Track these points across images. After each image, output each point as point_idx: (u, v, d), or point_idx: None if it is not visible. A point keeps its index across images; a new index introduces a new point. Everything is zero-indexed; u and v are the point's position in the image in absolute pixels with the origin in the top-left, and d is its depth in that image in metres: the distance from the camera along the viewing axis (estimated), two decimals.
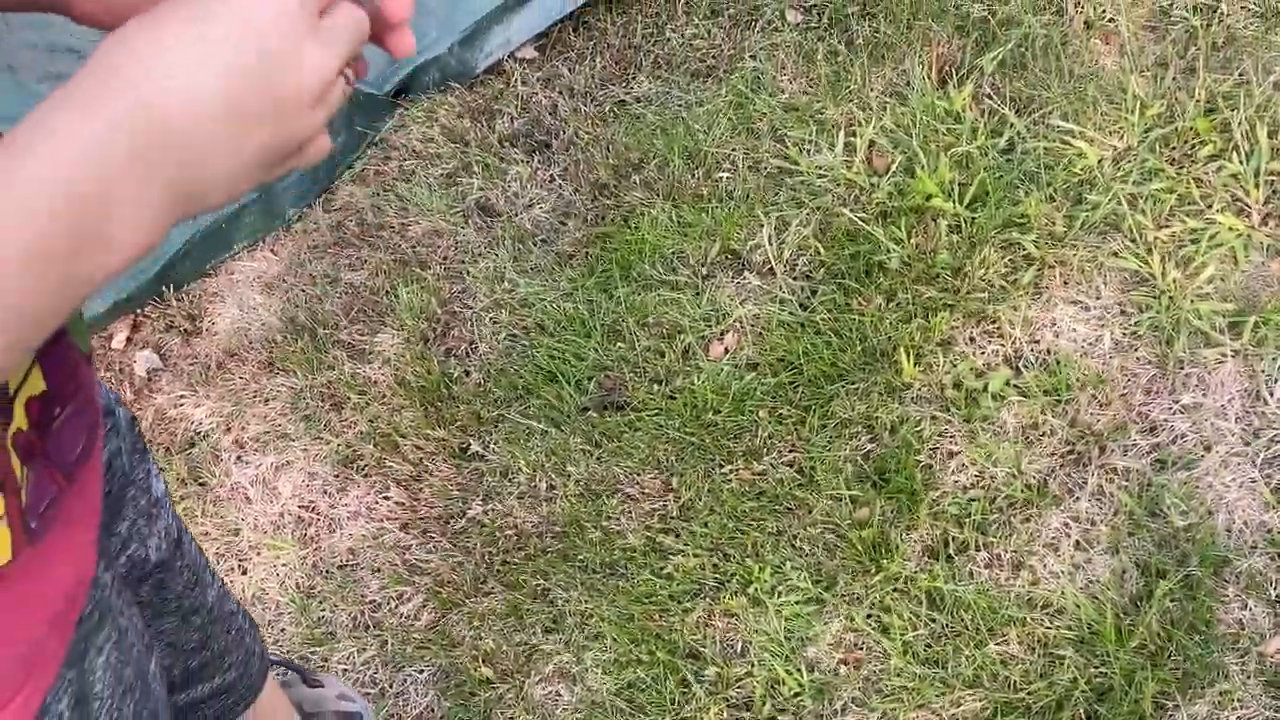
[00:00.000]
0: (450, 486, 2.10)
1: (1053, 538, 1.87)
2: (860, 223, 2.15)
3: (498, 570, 2.02)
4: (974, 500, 1.91)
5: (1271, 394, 1.89)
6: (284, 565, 2.12)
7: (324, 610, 2.07)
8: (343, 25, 0.67)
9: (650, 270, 2.21)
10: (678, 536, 1.98)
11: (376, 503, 2.13)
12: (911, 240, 2.12)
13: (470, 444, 2.13)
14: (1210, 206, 2.04)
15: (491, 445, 2.12)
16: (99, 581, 0.91)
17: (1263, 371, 1.91)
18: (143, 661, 0.94)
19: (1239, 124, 2.07)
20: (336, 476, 2.17)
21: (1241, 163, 2.05)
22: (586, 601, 1.96)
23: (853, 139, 2.25)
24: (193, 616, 1.31)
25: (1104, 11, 2.27)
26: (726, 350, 2.12)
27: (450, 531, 2.07)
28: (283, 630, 2.07)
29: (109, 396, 1.11)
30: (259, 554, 2.14)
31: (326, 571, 2.10)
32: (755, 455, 2.01)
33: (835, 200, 2.20)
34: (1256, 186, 2.03)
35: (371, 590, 2.07)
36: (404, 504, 2.11)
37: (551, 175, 2.38)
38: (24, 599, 0.78)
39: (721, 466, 2.02)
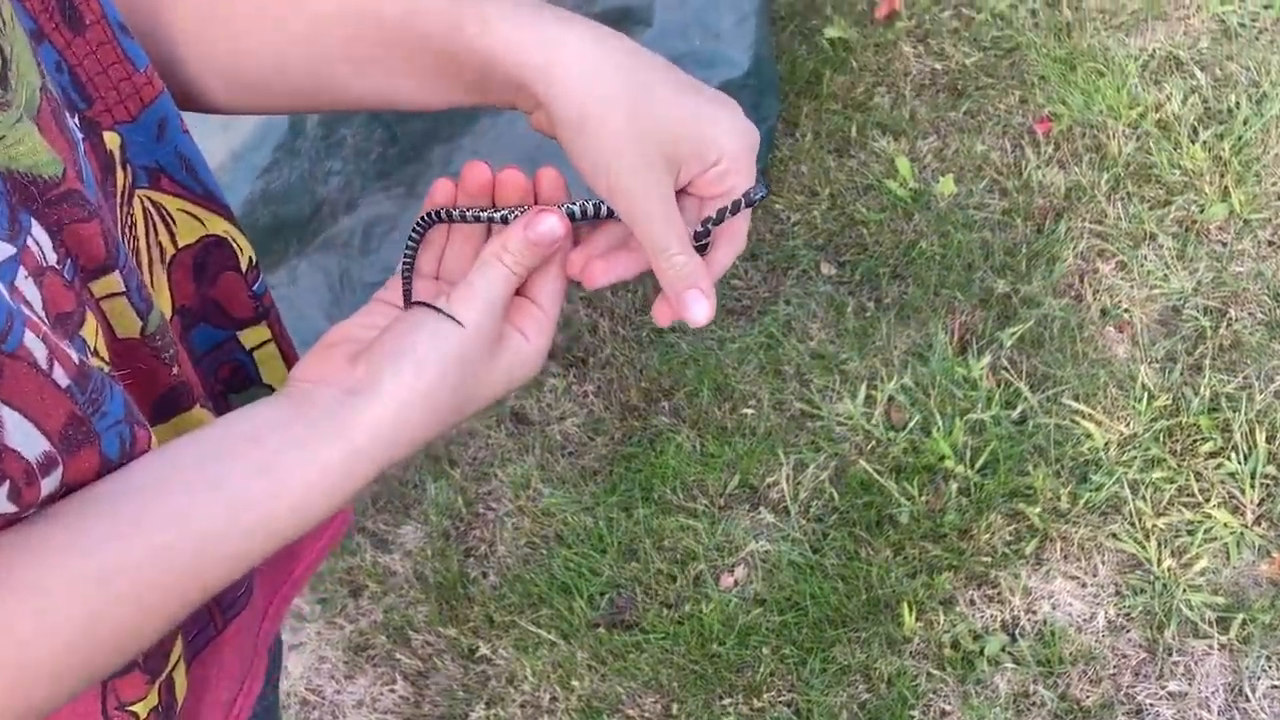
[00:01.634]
0: (456, 687, 2.16)
1: None
2: (875, 474, 2.26)
3: None
4: None
5: (1254, 690, 1.97)
6: None
7: None
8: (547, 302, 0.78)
9: (670, 495, 2.31)
10: None
11: (382, 694, 2.18)
12: (922, 497, 2.22)
13: (479, 646, 2.20)
14: (1207, 501, 2.15)
15: (500, 650, 2.19)
16: None
17: (1246, 668, 1.99)
18: None
19: (1239, 425, 2.20)
20: (346, 663, 2.23)
21: (1240, 463, 2.17)
22: None
23: (874, 392, 2.37)
24: None
25: (1120, 303, 2.42)
26: (736, 583, 2.21)
27: None
28: None
29: None
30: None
31: None
32: (755, 691, 2.08)
33: (852, 449, 2.31)
34: (1252, 487, 2.14)
35: None
36: (409, 699, 2.17)
37: (585, 391, 2.49)
38: None
39: (721, 699, 2.08)
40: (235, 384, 0.88)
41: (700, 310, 0.77)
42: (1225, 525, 2.12)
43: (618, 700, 2.10)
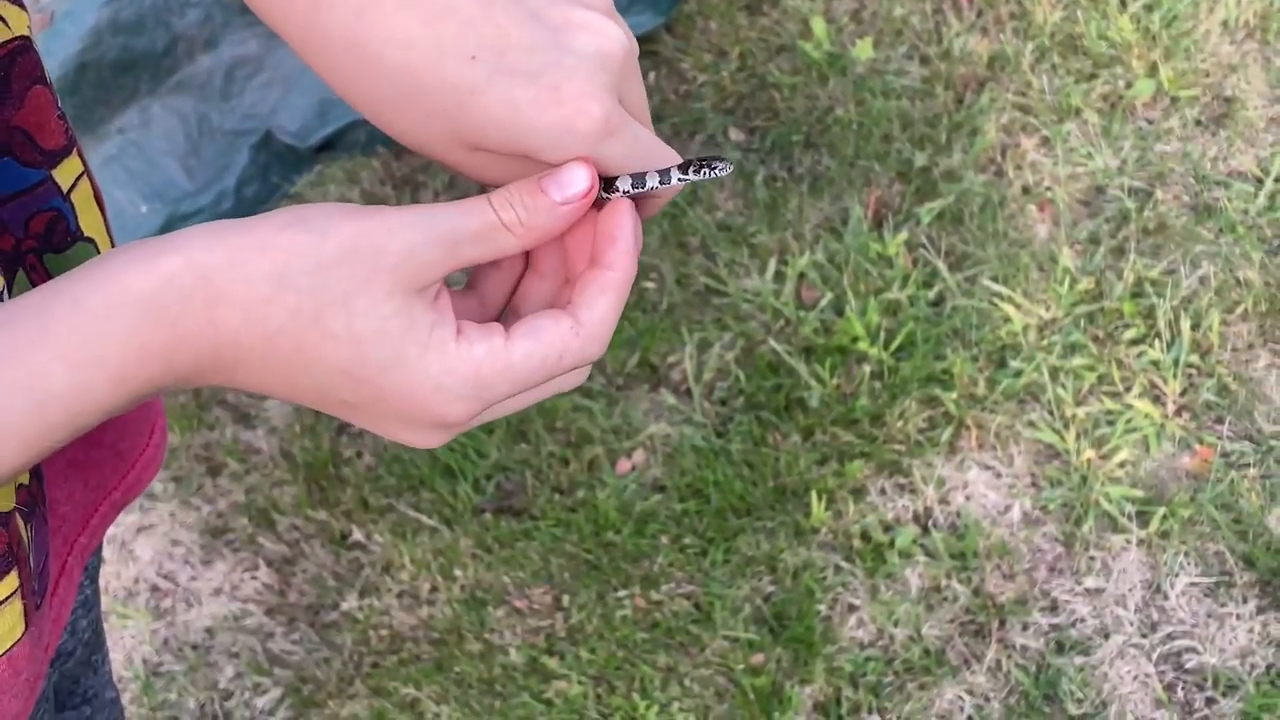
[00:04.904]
0: (325, 574, 1.98)
1: (946, 709, 1.83)
2: (784, 355, 2.11)
3: (366, 673, 1.90)
4: (871, 660, 1.86)
5: (1172, 588, 1.90)
6: (132, 637, 1.96)
7: (170, 693, 1.91)
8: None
9: None
10: (563, 659, 1.89)
11: (242, 581, 1.99)
12: (833, 380, 2.09)
13: (353, 531, 2.01)
14: (1129, 390, 2.05)
15: (375, 536, 2.00)
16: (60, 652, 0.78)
17: (1164, 564, 1.91)
18: None
19: (1163, 312, 2.10)
20: (203, 547, 2.02)
21: (1162, 351, 2.07)
22: (458, 718, 1.85)
23: (784, 268, 2.21)
24: (84, 707, 1.17)
25: (1042, 180, 2.29)
26: (634, 468, 2.05)
27: (320, 624, 1.94)
28: (121, 709, 1.91)
29: None
30: (106, 621, 1.97)
31: (178, 650, 1.95)
32: (653, 583, 1.94)
33: (760, 328, 2.16)
34: (1175, 377, 2.05)
35: (226, 677, 1.92)
36: (273, 587, 1.98)
37: None
38: (31, 683, 0.65)
39: (616, 590, 1.93)
40: (54, 241, 0.66)
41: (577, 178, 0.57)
42: (1146, 416, 2.03)
43: (504, 591, 1.94)
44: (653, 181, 0.59)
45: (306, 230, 0.51)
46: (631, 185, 0.58)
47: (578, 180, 0.54)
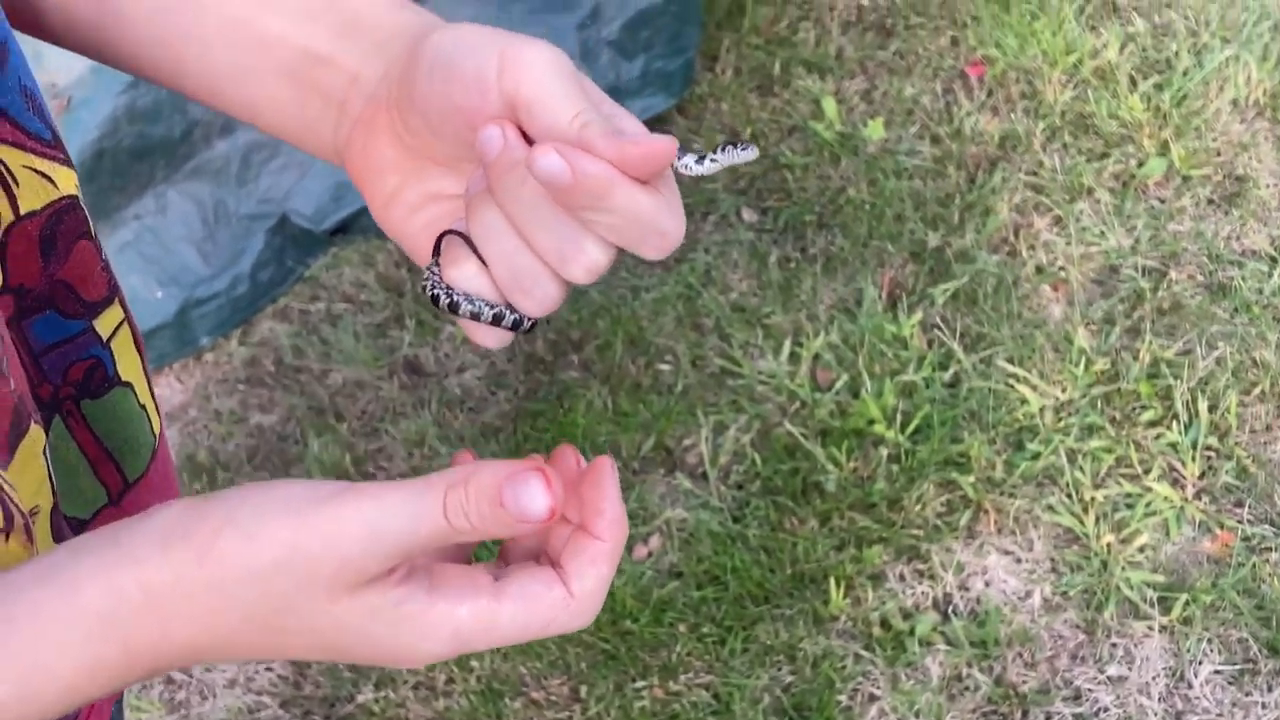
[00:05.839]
0: (341, 666, 1.96)
1: None
2: (800, 438, 2.11)
3: None
4: None
5: (1196, 676, 1.88)
6: None
7: None
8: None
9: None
10: None
11: (257, 673, 1.97)
12: (850, 464, 2.08)
13: None
14: (1147, 473, 2.04)
15: None
16: None
17: (1188, 651, 1.89)
18: None
19: (1180, 393, 2.10)
20: None
21: (1180, 433, 2.07)
22: None
23: (799, 349, 2.21)
24: None
25: (1055, 260, 2.29)
26: (651, 553, 2.04)
27: (335, 716, 1.93)
28: None
29: None
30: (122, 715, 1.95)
31: None
32: (671, 673, 1.92)
33: (776, 410, 2.15)
34: (1193, 459, 2.04)
35: None
36: (287, 679, 1.96)
37: None
38: None
39: (634, 680, 1.92)
40: (92, 387, 0.66)
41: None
42: (1165, 499, 2.01)
43: (520, 682, 1.93)
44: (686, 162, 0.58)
45: (239, 536, 0.49)
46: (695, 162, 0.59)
47: (538, 505, 0.49)
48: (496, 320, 0.57)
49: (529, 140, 0.53)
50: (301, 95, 0.60)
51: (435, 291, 0.57)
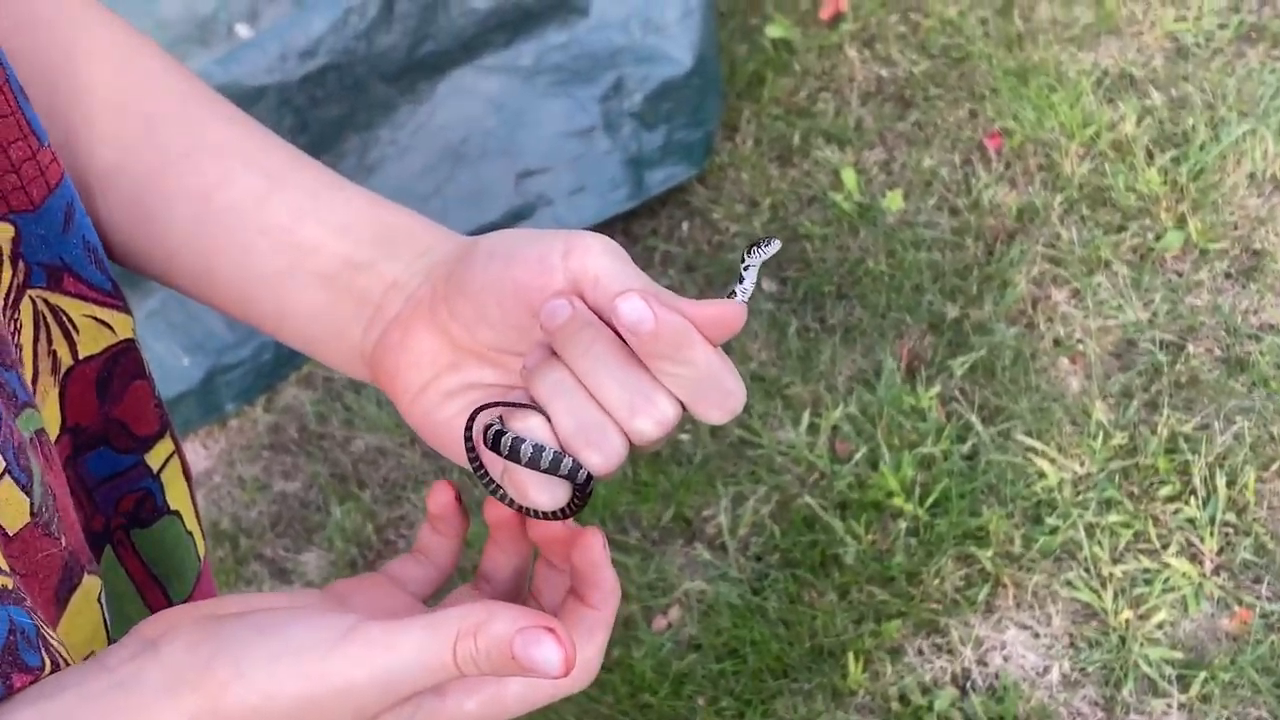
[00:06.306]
0: None
1: None
2: (819, 510, 2.12)
3: None
4: None
5: None
6: None
7: None
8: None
9: (599, 526, 2.13)
10: None
11: None
12: (869, 537, 2.09)
13: None
14: (1165, 548, 2.04)
15: None
16: None
17: None
18: None
19: (1198, 469, 2.10)
20: None
21: (1198, 508, 2.07)
22: None
23: (818, 419, 2.23)
24: None
25: (1073, 333, 2.31)
26: (670, 625, 2.05)
27: None
28: None
29: None
30: None
31: None
32: None
33: (795, 481, 2.16)
34: (1211, 535, 2.04)
35: None
36: None
37: None
38: None
39: None
40: (142, 517, 0.68)
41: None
42: (1184, 575, 2.02)
43: None
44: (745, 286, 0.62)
45: (251, 693, 0.49)
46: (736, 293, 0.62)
47: (552, 662, 0.51)
48: (554, 466, 0.56)
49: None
50: (335, 299, 0.62)
51: (497, 428, 0.56)
